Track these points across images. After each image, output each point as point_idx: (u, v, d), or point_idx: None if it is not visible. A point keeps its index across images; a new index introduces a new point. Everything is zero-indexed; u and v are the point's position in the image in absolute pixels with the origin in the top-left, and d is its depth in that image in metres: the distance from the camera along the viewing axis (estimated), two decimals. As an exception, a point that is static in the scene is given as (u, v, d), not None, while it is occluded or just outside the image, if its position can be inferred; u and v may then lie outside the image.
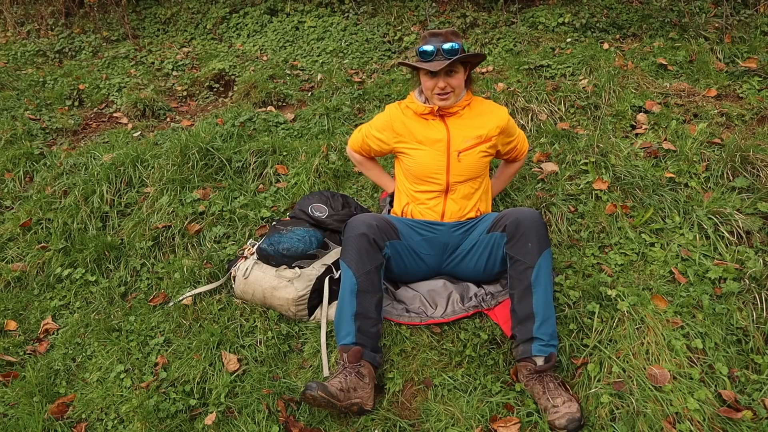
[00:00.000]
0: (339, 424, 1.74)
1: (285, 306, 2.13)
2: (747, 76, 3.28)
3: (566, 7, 4.47)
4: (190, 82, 4.65)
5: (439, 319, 2.03)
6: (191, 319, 2.22)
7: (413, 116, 2.13)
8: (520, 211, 1.88)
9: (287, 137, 3.47)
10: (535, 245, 1.81)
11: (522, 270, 1.82)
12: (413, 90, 2.18)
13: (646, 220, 2.33)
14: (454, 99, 2.05)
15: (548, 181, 2.68)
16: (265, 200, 2.82)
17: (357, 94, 3.92)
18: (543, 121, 3.21)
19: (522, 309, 1.80)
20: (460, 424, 1.68)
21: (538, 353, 1.74)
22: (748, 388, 1.68)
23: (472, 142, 2.08)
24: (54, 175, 3.26)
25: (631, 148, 2.78)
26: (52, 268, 2.68)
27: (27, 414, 1.94)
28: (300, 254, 2.19)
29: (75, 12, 5.91)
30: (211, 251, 2.56)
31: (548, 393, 1.68)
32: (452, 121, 2.10)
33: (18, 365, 2.23)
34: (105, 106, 4.59)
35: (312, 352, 2.02)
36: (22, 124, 3.98)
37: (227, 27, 5.50)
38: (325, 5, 5.25)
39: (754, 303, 1.89)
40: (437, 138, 2.08)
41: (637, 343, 1.77)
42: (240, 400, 1.85)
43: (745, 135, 2.81)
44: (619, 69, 3.45)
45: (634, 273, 2.12)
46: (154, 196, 2.89)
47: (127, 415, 1.88)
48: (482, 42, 4.43)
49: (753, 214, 2.24)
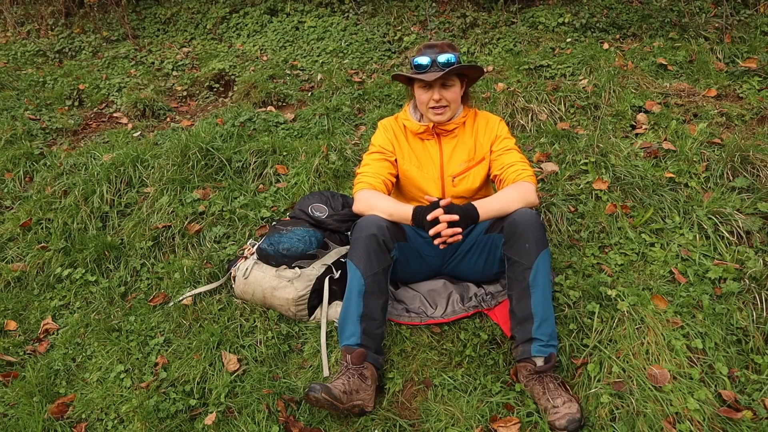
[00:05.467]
0: (339, 424, 1.74)
1: (285, 306, 2.13)
2: (747, 76, 3.28)
3: (566, 7, 4.47)
4: (190, 82, 4.65)
5: (439, 319, 2.03)
6: (191, 319, 2.22)
7: (409, 134, 2.09)
8: (517, 212, 1.85)
9: (287, 137, 3.47)
10: (533, 246, 1.79)
11: (520, 271, 1.81)
12: (408, 103, 2.13)
13: (646, 220, 2.33)
14: (449, 114, 1.99)
15: (548, 181, 2.68)
16: (265, 200, 2.81)
17: (357, 94, 3.92)
18: (543, 121, 3.21)
19: (521, 310, 1.80)
20: (460, 424, 1.68)
21: (537, 354, 1.74)
22: (748, 388, 1.68)
23: (465, 165, 2.04)
24: (54, 175, 3.26)
25: (631, 148, 2.78)
26: (52, 268, 2.68)
27: (27, 414, 1.94)
28: (300, 254, 2.18)
29: (75, 12, 5.91)
30: (211, 251, 2.56)
31: (548, 393, 1.68)
32: (447, 142, 2.06)
33: (18, 365, 2.23)
34: (105, 106, 4.59)
35: (312, 352, 2.02)
36: (22, 124, 3.98)
37: (227, 27, 5.50)
38: (325, 5, 5.25)
39: (754, 303, 1.89)
40: (431, 160, 2.05)
41: (637, 343, 1.77)
42: (240, 400, 1.85)
43: (745, 135, 2.81)
44: (619, 69, 3.45)
45: (634, 273, 2.12)
46: (154, 196, 2.89)
47: (127, 415, 1.88)
48: (482, 42, 4.43)
49: (753, 214, 2.24)
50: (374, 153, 2.08)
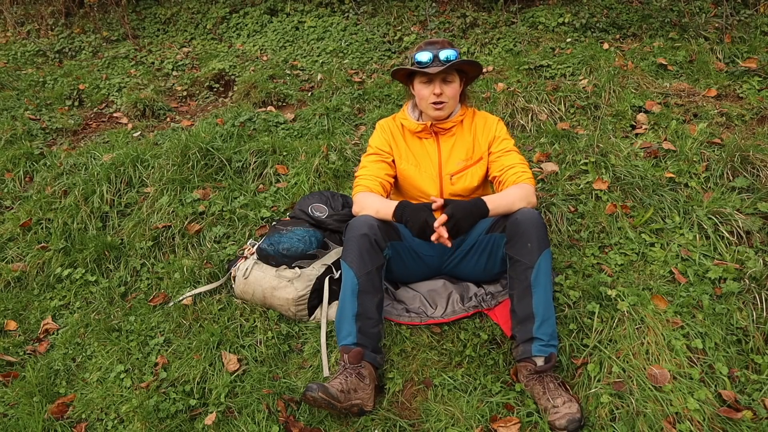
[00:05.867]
0: (339, 424, 1.74)
1: (285, 306, 2.13)
2: (747, 76, 3.28)
3: (566, 7, 4.47)
4: (190, 82, 4.65)
5: (439, 319, 2.03)
6: (191, 319, 2.22)
7: (407, 134, 2.10)
8: (519, 211, 1.86)
9: (287, 137, 3.47)
10: (535, 245, 1.79)
11: (522, 270, 1.81)
12: (406, 103, 2.14)
13: (646, 220, 2.33)
14: (448, 111, 2.01)
15: (548, 181, 2.68)
16: (265, 200, 2.82)
17: (357, 94, 3.92)
18: (543, 121, 3.21)
19: (522, 309, 1.80)
20: (460, 424, 1.68)
21: (538, 353, 1.74)
22: (748, 388, 1.68)
23: (463, 164, 2.06)
24: (54, 175, 3.26)
25: (631, 148, 2.78)
26: (52, 268, 2.68)
27: (27, 414, 1.94)
28: (300, 254, 2.18)
29: (75, 12, 5.91)
30: (211, 251, 2.56)
31: (548, 393, 1.68)
32: (445, 141, 2.07)
33: (18, 365, 2.23)
34: (105, 106, 4.60)
35: (312, 352, 2.02)
36: (22, 124, 3.98)
37: (227, 27, 5.50)
38: (325, 5, 5.25)
39: (754, 303, 1.89)
40: (429, 159, 2.06)
41: (637, 343, 1.77)
42: (240, 400, 1.85)
43: (745, 135, 2.81)
44: (619, 69, 3.45)
45: (634, 273, 2.12)
46: (154, 196, 2.89)
47: (127, 415, 1.88)
48: (482, 42, 4.43)
49: (753, 214, 2.24)
50: (371, 155, 2.09)
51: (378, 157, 2.08)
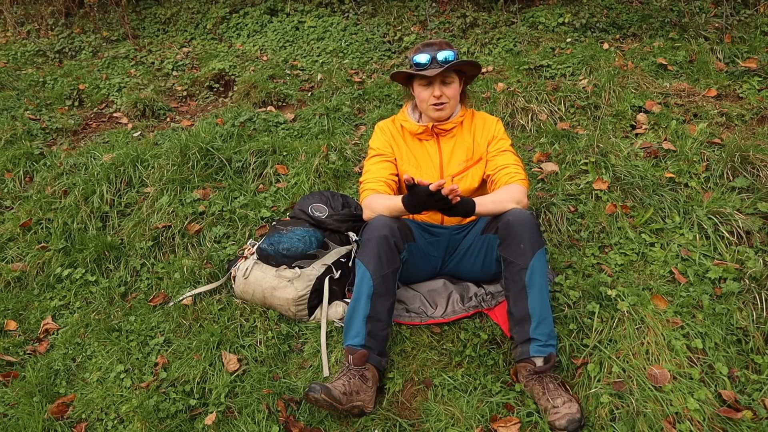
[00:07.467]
0: (339, 424, 1.74)
1: (285, 306, 2.13)
2: (747, 76, 3.28)
3: (566, 7, 4.47)
4: (190, 82, 4.65)
5: (439, 319, 2.03)
6: (191, 319, 2.22)
7: (408, 136, 2.10)
8: (511, 212, 1.84)
9: (287, 137, 3.47)
10: (528, 246, 1.78)
11: (516, 271, 1.80)
12: (406, 104, 2.14)
13: (646, 220, 2.33)
14: (449, 111, 2.01)
15: (548, 181, 2.68)
16: (265, 200, 2.82)
17: (357, 94, 3.92)
18: (543, 121, 3.21)
19: (518, 310, 1.79)
20: (460, 424, 1.68)
21: (536, 354, 1.74)
22: (748, 388, 1.68)
23: (464, 165, 2.06)
24: (54, 175, 3.26)
25: (631, 148, 2.78)
26: (52, 268, 2.68)
27: (27, 414, 1.94)
28: (300, 254, 2.18)
29: (75, 12, 5.91)
30: (211, 251, 2.56)
31: (548, 393, 1.68)
32: (446, 142, 2.07)
33: (18, 365, 2.23)
34: (105, 106, 4.59)
35: (312, 352, 2.02)
36: (22, 124, 3.98)
37: (227, 27, 5.50)
38: (325, 5, 5.25)
39: (754, 303, 1.89)
40: (430, 161, 2.06)
41: (637, 343, 1.77)
42: (240, 400, 1.85)
43: (745, 135, 2.81)
44: (619, 69, 3.45)
45: (634, 273, 2.12)
46: (154, 196, 2.89)
47: (127, 415, 1.88)
48: (482, 42, 4.43)
49: (753, 214, 2.24)
50: (374, 157, 2.09)
51: (381, 157, 2.08)
